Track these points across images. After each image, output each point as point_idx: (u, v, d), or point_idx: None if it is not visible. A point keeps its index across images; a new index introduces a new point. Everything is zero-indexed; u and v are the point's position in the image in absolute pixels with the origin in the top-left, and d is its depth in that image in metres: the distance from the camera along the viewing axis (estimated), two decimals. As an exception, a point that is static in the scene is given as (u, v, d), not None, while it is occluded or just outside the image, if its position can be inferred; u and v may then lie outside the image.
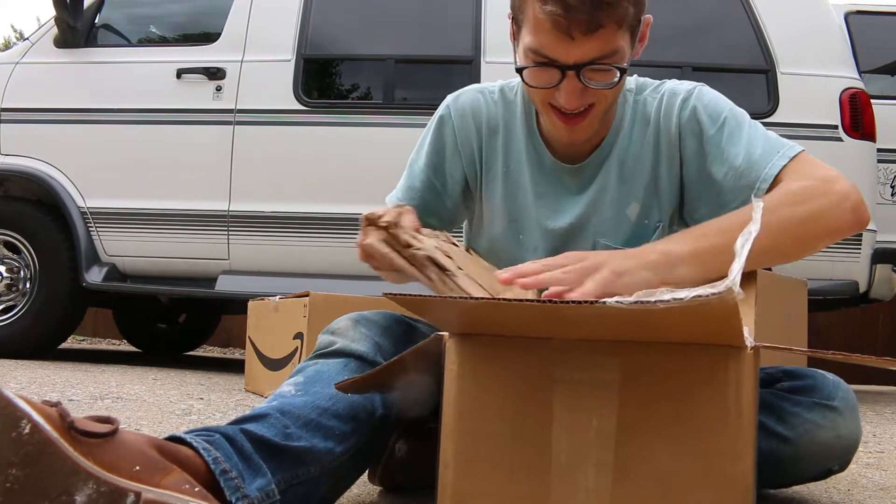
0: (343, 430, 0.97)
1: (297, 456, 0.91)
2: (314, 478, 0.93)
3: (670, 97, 1.24)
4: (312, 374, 1.03)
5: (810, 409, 1.13)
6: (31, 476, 0.70)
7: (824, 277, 3.18)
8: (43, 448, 0.71)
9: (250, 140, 3.45)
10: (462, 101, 1.31)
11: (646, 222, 1.26)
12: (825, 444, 1.14)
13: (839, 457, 1.16)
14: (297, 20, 3.52)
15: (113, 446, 0.75)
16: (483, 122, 1.29)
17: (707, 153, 1.20)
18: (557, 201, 1.27)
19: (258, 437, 0.89)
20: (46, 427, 0.71)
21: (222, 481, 0.82)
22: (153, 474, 0.75)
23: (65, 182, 3.53)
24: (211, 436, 0.86)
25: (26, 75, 3.66)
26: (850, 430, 1.14)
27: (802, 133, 3.21)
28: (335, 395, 0.99)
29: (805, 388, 1.15)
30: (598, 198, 1.26)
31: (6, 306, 3.58)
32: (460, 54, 3.45)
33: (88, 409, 1.99)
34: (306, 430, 0.94)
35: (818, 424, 1.13)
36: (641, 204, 1.26)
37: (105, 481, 0.72)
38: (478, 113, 1.30)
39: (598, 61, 1.08)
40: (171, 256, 3.50)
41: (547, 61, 1.09)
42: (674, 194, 1.25)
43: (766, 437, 1.14)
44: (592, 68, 1.09)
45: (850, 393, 1.16)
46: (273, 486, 0.87)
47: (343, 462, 0.97)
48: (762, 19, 3.34)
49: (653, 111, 1.25)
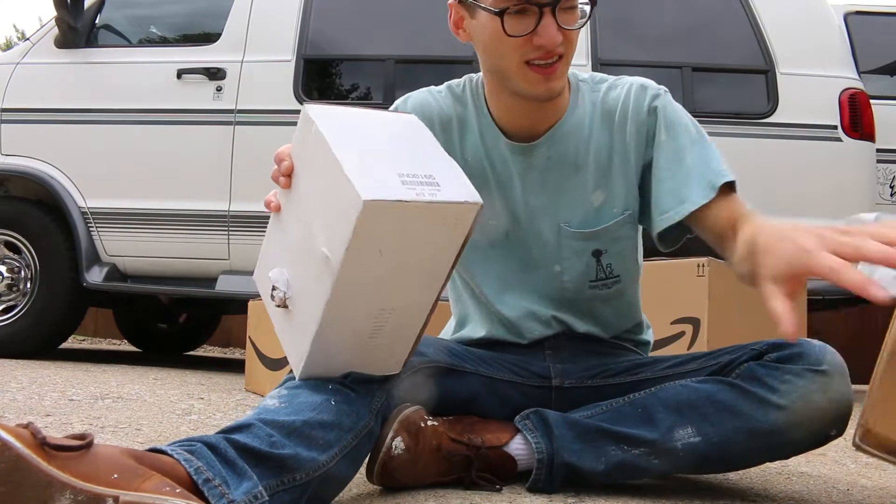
0: (327, 439, 0.97)
1: (282, 462, 0.91)
2: (300, 485, 0.93)
3: (639, 91, 1.29)
4: (295, 386, 1.04)
5: (801, 376, 1.16)
6: (7, 493, 0.71)
7: (824, 277, 3.18)
8: (16, 464, 0.71)
9: (251, 140, 3.46)
10: (410, 102, 1.35)
11: (614, 210, 1.31)
12: (819, 408, 1.15)
13: (834, 420, 1.17)
14: (298, 20, 3.53)
15: (88, 459, 0.76)
16: (435, 119, 1.32)
17: (654, 156, 1.28)
18: (517, 184, 1.31)
19: (242, 444, 0.89)
20: (17, 444, 0.72)
21: (206, 490, 0.82)
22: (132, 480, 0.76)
23: (65, 182, 3.53)
24: (192, 445, 0.86)
25: (27, 76, 3.66)
26: (841, 393, 1.16)
27: (802, 133, 3.22)
28: (319, 405, 0.99)
29: (793, 356, 1.18)
30: (558, 179, 1.30)
31: (7, 306, 3.58)
32: (460, 54, 3.45)
33: (89, 409, 1.99)
34: (290, 439, 0.94)
35: (810, 389, 1.15)
36: (605, 192, 1.30)
37: (81, 490, 0.73)
38: (428, 110, 1.33)
39: None
40: (171, 256, 3.51)
41: (526, 5, 1.15)
42: (633, 184, 1.30)
43: (761, 407, 1.16)
44: (564, 6, 1.16)
45: (838, 356, 1.19)
46: (259, 488, 0.87)
47: (329, 469, 0.97)
48: (761, 19, 3.35)
49: (618, 102, 1.30)
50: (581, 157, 1.30)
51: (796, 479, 1.49)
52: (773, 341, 1.22)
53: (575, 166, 1.30)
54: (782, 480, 1.46)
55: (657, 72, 3.40)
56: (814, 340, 1.21)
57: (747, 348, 1.24)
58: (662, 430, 1.20)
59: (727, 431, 1.18)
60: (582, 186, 1.30)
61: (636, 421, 1.22)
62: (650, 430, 1.21)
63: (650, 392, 1.25)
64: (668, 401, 1.21)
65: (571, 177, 1.30)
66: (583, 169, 1.30)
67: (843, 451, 1.86)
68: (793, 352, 1.18)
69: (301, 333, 1.02)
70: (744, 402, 1.17)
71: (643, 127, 1.28)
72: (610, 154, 1.30)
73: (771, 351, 1.21)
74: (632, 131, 1.29)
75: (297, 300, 1.04)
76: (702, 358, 1.30)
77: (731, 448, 1.19)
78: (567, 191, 1.30)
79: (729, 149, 3.29)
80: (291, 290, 1.04)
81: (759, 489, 1.35)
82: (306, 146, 1.01)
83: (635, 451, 1.21)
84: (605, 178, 1.30)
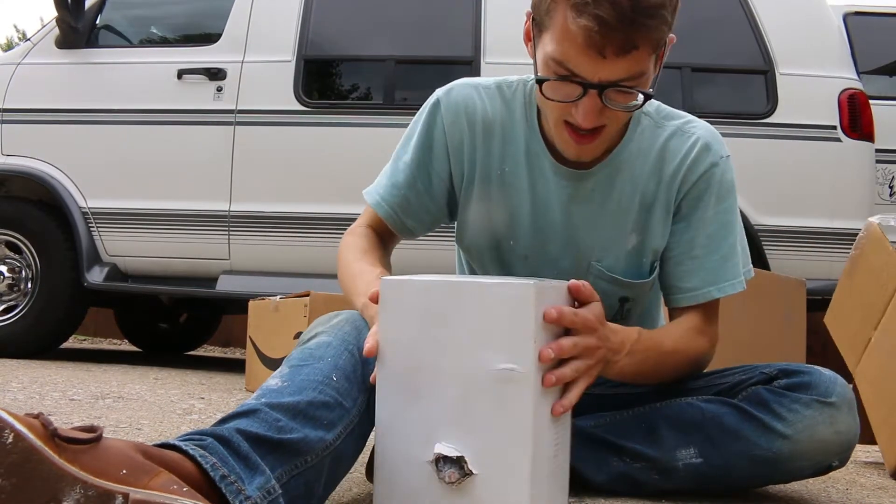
0: (331, 419, 0.96)
1: (293, 447, 0.91)
2: (312, 466, 0.93)
3: (702, 152, 1.22)
4: (297, 362, 1.02)
5: (808, 406, 1.14)
6: (18, 485, 0.71)
7: (823, 277, 3.19)
8: (27, 456, 0.71)
9: (251, 140, 3.46)
10: (454, 96, 1.25)
11: (644, 261, 1.26)
12: (824, 441, 1.14)
13: (838, 453, 1.17)
14: (298, 21, 3.53)
15: (98, 452, 0.75)
16: (478, 120, 1.23)
17: (689, 224, 1.24)
18: (555, 209, 1.23)
19: (253, 434, 0.88)
20: (30, 436, 0.72)
21: (223, 486, 0.81)
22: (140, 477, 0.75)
23: (66, 182, 3.53)
24: (203, 440, 0.85)
25: (28, 76, 3.66)
26: (847, 426, 1.15)
27: (801, 134, 3.22)
28: (321, 383, 0.98)
29: (802, 384, 1.16)
30: (598, 213, 1.23)
31: (8, 306, 3.58)
32: (460, 55, 3.46)
33: (90, 409, 1.99)
34: (296, 421, 0.93)
35: (817, 420, 1.14)
36: (640, 237, 1.24)
37: (92, 485, 0.72)
38: (472, 110, 1.23)
39: (624, 83, 1.04)
40: (172, 256, 3.51)
41: (570, 75, 1.05)
42: (666, 236, 1.25)
43: (765, 434, 1.15)
44: (616, 89, 1.05)
45: (847, 388, 1.18)
46: (273, 482, 0.86)
47: (336, 447, 0.97)
48: (761, 20, 3.35)
49: (677, 155, 1.22)
50: (626, 197, 1.22)
51: (795, 478, 1.49)
52: (784, 366, 1.21)
53: (618, 204, 1.23)
54: (781, 480, 1.46)
55: (657, 72, 3.40)
56: (824, 370, 1.19)
57: (757, 370, 1.22)
58: (665, 448, 1.19)
59: (729, 455, 1.17)
60: (620, 226, 1.23)
61: (640, 436, 1.22)
62: (653, 446, 1.20)
63: (655, 407, 1.24)
64: (673, 419, 1.21)
65: (612, 214, 1.23)
66: (625, 208, 1.23)
67: (842, 451, 1.86)
68: (802, 380, 1.17)
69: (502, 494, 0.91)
70: (748, 428, 1.16)
71: (694, 189, 1.22)
72: (654, 202, 1.23)
73: (781, 377, 1.19)
74: (682, 189, 1.23)
75: (480, 460, 0.92)
76: (709, 375, 1.28)
77: (731, 471, 1.18)
78: (604, 228, 1.23)
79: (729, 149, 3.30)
80: (470, 452, 0.91)
81: (759, 489, 1.35)
82: (409, 311, 0.95)
83: (636, 464, 1.21)
84: (643, 223, 1.24)
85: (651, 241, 1.24)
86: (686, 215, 1.24)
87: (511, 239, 1.26)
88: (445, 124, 1.24)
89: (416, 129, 1.27)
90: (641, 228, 1.24)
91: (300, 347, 1.07)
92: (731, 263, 1.24)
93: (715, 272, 1.23)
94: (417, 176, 1.26)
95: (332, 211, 3.35)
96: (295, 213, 3.40)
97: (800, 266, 3.17)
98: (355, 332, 1.08)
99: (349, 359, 1.03)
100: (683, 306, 1.25)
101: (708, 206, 1.23)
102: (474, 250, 1.31)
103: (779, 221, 3.19)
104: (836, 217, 3.20)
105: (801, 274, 3.05)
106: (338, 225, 3.32)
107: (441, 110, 1.25)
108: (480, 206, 1.26)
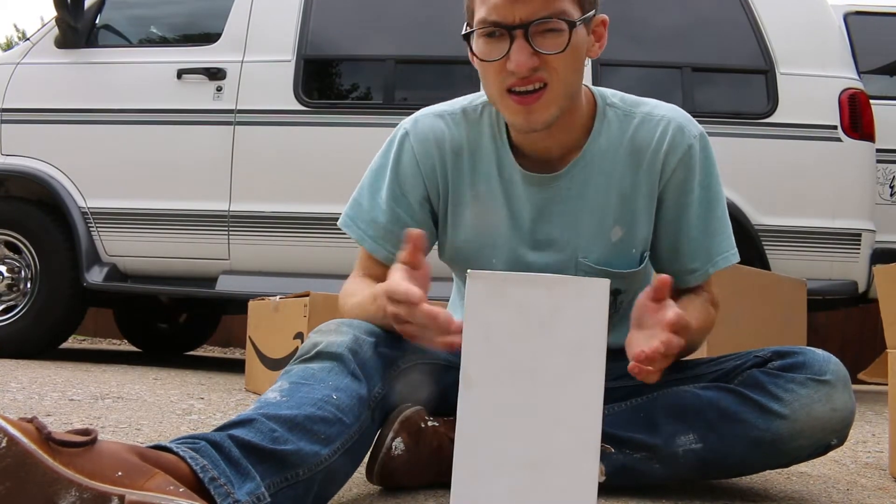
0: (329, 434, 0.97)
1: (285, 459, 0.91)
2: (304, 480, 0.93)
3: (676, 135, 1.24)
4: (297, 379, 1.03)
5: (804, 385, 1.16)
6: (13, 488, 0.71)
7: (823, 277, 3.19)
8: (22, 460, 0.71)
9: (251, 140, 3.46)
10: (421, 127, 1.29)
11: (633, 251, 1.27)
12: (821, 418, 1.16)
13: (836, 430, 1.18)
14: (298, 21, 3.53)
15: (93, 455, 0.75)
16: (446, 146, 1.28)
17: (680, 208, 1.26)
18: (533, 218, 1.26)
19: (245, 441, 0.89)
20: (24, 440, 0.72)
21: (212, 489, 0.81)
22: (136, 478, 0.75)
23: (65, 182, 3.53)
24: (196, 443, 0.85)
25: (27, 76, 3.66)
26: (843, 403, 1.17)
27: (801, 133, 3.22)
28: (320, 399, 0.99)
29: (796, 364, 1.18)
30: (577, 211, 1.25)
31: (7, 306, 3.58)
32: (460, 54, 3.44)
33: (89, 409, 1.99)
34: (292, 433, 0.93)
35: (813, 399, 1.15)
36: (625, 229, 1.26)
37: (87, 487, 0.72)
38: (440, 137, 1.28)
39: (544, 18, 1.10)
40: (171, 256, 3.51)
41: (494, 27, 1.12)
42: (651, 223, 1.27)
43: (762, 415, 1.16)
44: (539, 29, 1.11)
45: (841, 366, 1.19)
46: (262, 489, 0.87)
47: (332, 463, 0.97)
48: (761, 20, 3.35)
49: (650, 141, 1.24)
50: (602, 192, 1.25)
51: (796, 479, 1.50)
52: (777, 349, 1.22)
53: (595, 200, 1.25)
54: (782, 480, 1.46)
55: (657, 72, 3.41)
56: (817, 350, 1.21)
57: (751, 355, 1.24)
58: (664, 436, 1.20)
59: (729, 438, 1.18)
60: (601, 221, 1.25)
61: (638, 426, 1.22)
62: (652, 435, 1.21)
63: (652, 397, 1.24)
64: (671, 406, 1.21)
65: (590, 210, 1.25)
66: (603, 204, 1.25)
67: (843, 451, 1.86)
68: (796, 360, 1.18)
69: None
70: (746, 410, 1.17)
71: (676, 174, 1.24)
72: (634, 192, 1.25)
73: (775, 359, 1.21)
74: (664, 175, 1.24)
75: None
76: (705, 363, 1.29)
77: (732, 455, 1.19)
78: (585, 225, 1.25)
79: (729, 149, 3.30)
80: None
81: (759, 489, 1.35)
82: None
83: (637, 455, 1.21)
84: (626, 215, 1.25)
85: (638, 231, 1.27)
86: (674, 200, 1.26)
87: (493, 258, 1.28)
88: (416, 154, 1.28)
89: (387, 164, 1.31)
90: (625, 220, 1.26)
91: (302, 365, 1.07)
92: (725, 235, 1.29)
93: (712, 248, 1.28)
94: (396, 209, 1.29)
95: (331, 211, 3.35)
96: (295, 213, 3.40)
97: (800, 266, 3.17)
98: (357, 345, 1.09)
99: (351, 382, 1.04)
100: (692, 286, 1.31)
101: (693, 188, 1.26)
102: (456, 267, 1.36)
103: (779, 221, 3.19)
104: (836, 217, 3.20)
105: (801, 274, 3.05)
106: (337, 225, 3.31)
107: (410, 140, 1.29)
108: (458, 229, 1.30)
